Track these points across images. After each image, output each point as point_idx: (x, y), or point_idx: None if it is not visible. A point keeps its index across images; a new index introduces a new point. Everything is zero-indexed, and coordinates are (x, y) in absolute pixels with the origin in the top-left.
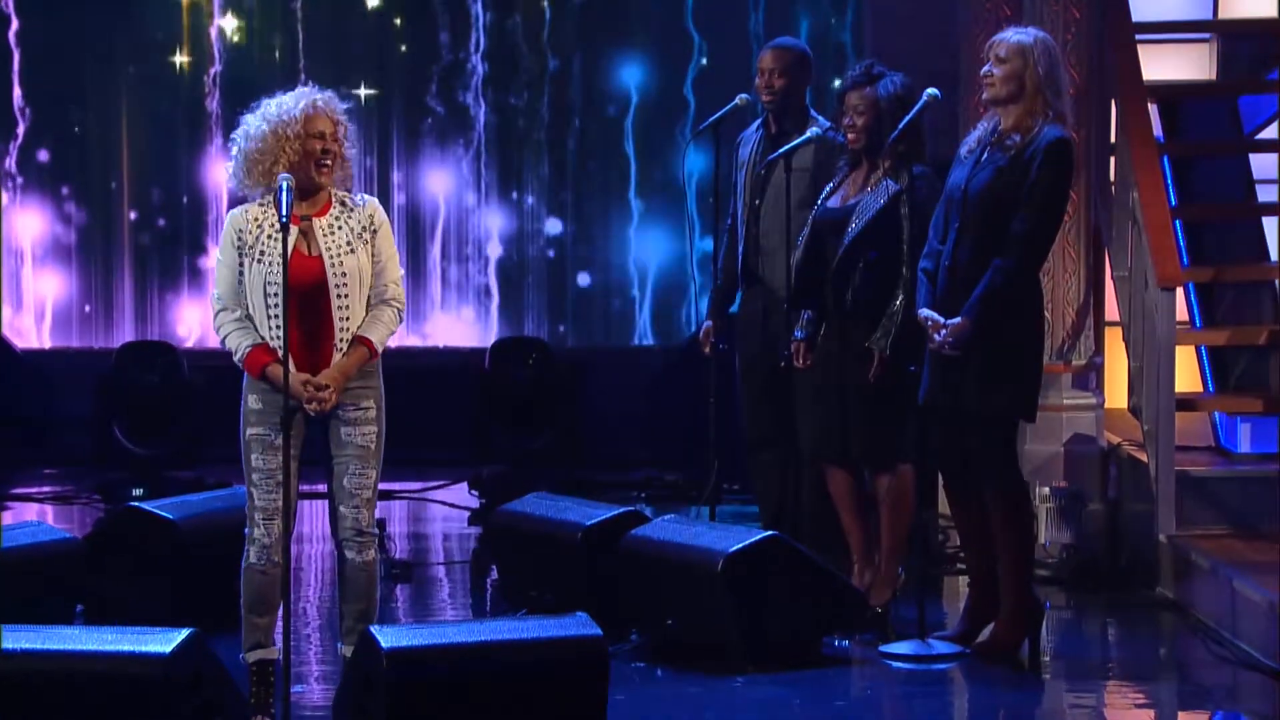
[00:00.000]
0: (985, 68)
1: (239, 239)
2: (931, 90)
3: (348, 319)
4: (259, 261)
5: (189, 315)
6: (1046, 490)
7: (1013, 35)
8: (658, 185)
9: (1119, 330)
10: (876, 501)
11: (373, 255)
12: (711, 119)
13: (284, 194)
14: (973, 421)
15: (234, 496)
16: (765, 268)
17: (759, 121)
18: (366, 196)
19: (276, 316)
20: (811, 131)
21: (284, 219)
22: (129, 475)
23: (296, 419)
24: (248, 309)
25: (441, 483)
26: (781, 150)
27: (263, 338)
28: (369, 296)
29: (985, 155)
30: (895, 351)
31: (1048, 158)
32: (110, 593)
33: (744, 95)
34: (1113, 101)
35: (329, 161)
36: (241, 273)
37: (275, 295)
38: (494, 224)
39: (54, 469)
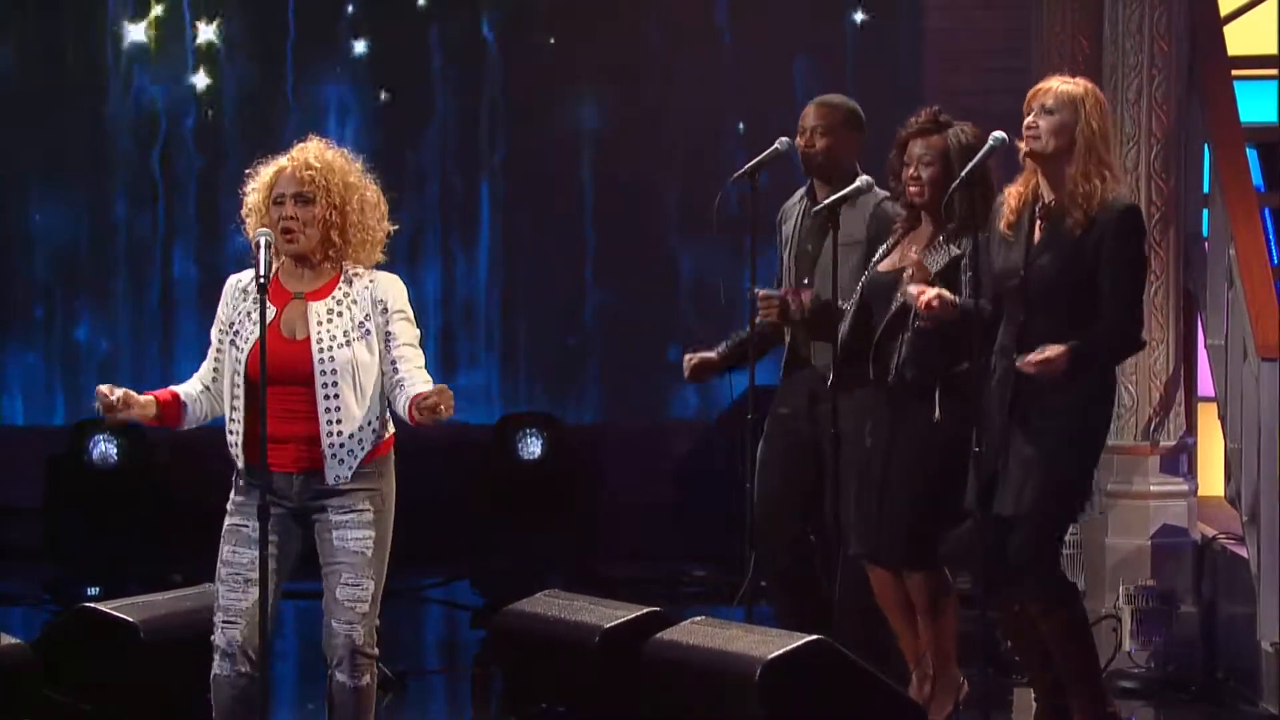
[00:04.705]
0: (1029, 118)
1: (223, 315)
2: (998, 134)
3: (339, 420)
4: (233, 344)
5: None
6: (1132, 590)
7: (1060, 84)
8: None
9: (1213, 407)
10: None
11: (389, 344)
12: (749, 165)
13: (262, 252)
14: (1024, 516)
15: (204, 595)
16: (815, 353)
17: (801, 191)
18: (378, 274)
19: (236, 409)
20: (861, 180)
21: (262, 279)
22: (84, 572)
23: (285, 519)
24: (219, 394)
25: (439, 579)
26: (825, 202)
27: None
28: (393, 390)
29: (1039, 233)
30: (955, 430)
31: (1121, 232)
32: (64, 707)
33: (784, 139)
34: (1205, 146)
35: (292, 228)
36: (220, 354)
37: (238, 385)
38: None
39: None
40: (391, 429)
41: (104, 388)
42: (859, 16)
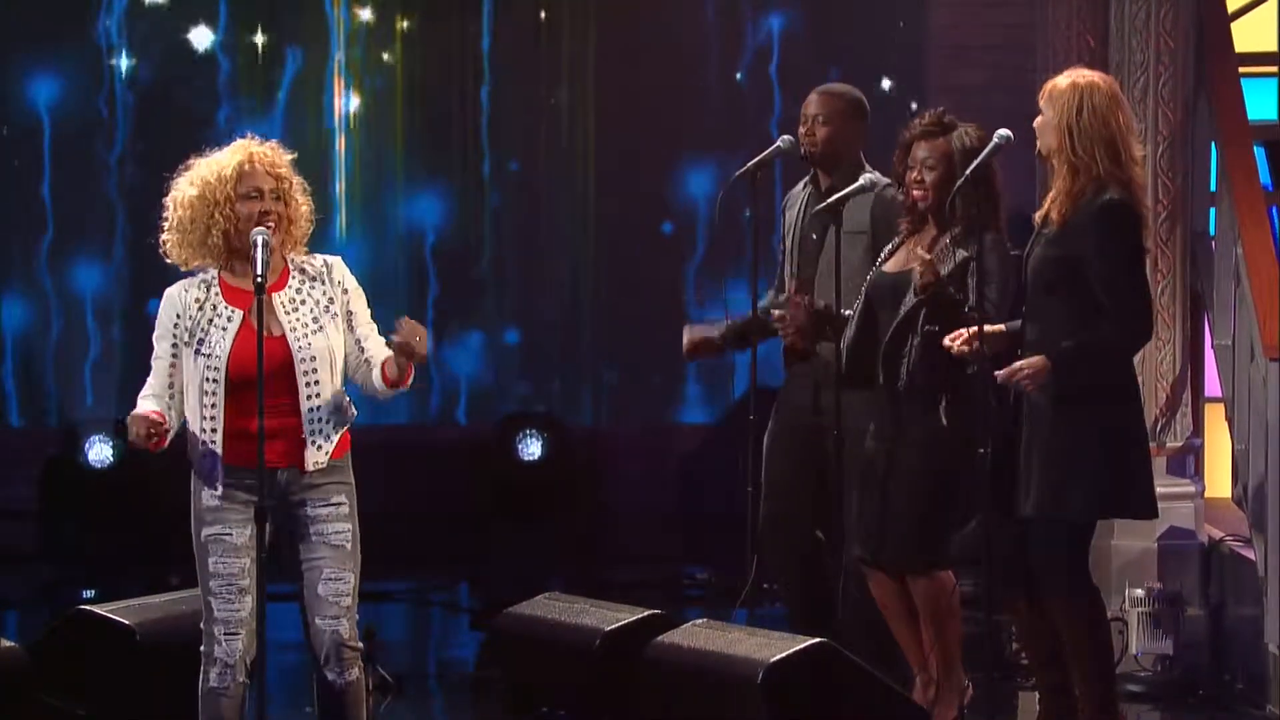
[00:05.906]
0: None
1: (175, 325)
2: (1003, 131)
3: (318, 405)
4: (199, 353)
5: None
6: (1139, 592)
7: (1058, 80)
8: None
9: (1220, 408)
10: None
11: (351, 324)
12: (751, 164)
13: (259, 250)
14: (1058, 521)
15: (201, 599)
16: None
17: (806, 179)
18: (327, 257)
19: (213, 418)
20: (864, 179)
21: (259, 279)
22: (80, 574)
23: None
24: (179, 408)
25: (439, 581)
26: (828, 201)
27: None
28: (359, 369)
29: (1043, 225)
30: (962, 434)
31: (1099, 227)
32: (60, 710)
33: (786, 137)
34: (1213, 144)
35: (271, 223)
36: (174, 366)
37: (213, 394)
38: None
39: None
40: (353, 413)
41: (140, 429)
42: (886, 83)
